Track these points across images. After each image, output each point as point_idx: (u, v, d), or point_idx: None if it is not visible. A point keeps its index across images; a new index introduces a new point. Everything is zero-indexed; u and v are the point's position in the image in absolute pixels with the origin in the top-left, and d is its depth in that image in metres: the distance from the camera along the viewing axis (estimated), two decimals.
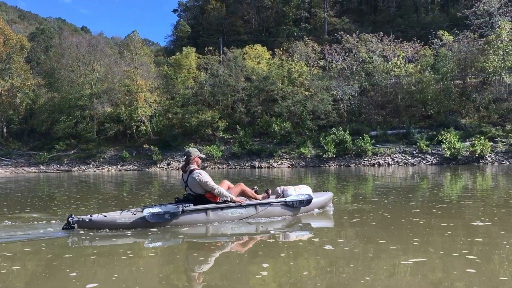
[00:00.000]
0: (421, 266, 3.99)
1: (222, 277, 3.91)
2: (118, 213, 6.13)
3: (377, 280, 3.67)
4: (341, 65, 43.67)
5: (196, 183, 6.31)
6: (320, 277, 3.80)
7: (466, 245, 4.68)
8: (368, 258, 4.34)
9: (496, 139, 33.02)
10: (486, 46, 37.15)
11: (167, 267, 4.34)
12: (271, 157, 36.68)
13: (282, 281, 3.78)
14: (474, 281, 3.54)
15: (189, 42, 61.01)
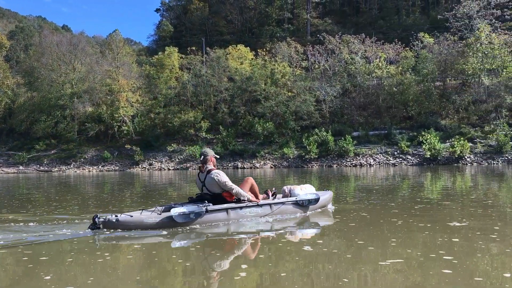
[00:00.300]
0: (399, 267, 4.01)
1: (199, 279, 3.88)
2: (138, 213, 6.13)
3: (354, 281, 3.68)
4: (323, 66, 43.91)
5: (214, 183, 6.41)
6: (298, 278, 3.79)
7: (443, 246, 4.72)
8: (346, 259, 4.35)
9: (475, 140, 33.57)
10: (466, 49, 37.77)
11: (148, 270, 4.29)
12: (254, 158, 36.70)
13: (260, 282, 3.76)
14: (450, 281, 3.57)
15: (171, 42, 60.70)
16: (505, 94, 36.31)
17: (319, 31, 53.89)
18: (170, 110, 42.38)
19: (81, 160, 40.31)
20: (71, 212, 8.28)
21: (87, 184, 19.29)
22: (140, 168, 37.76)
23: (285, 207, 6.94)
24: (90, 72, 45.96)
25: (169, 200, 10.72)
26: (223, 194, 6.48)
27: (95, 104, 44.21)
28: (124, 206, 9.53)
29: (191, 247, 5.19)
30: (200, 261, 4.49)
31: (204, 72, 44.06)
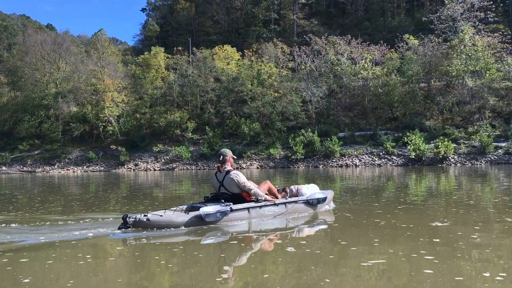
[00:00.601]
0: (381, 267, 4.04)
1: (182, 281, 3.86)
2: (162, 212, 6.25)
3: (337, 282, 3.69)
4: (310, 67, 44.03)
5: (234, 183, 6.56)
6: (280, 280, 3.80)
7: (425, 246, 4.77)
8: (329, 260, 4.37)
9: (459, 141, 33.96)
10: (450, 50, 38.17)
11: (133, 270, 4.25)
12: (240, 158, 36.63)
13: (242, 284, 3.75)
14: (431, 281, 3.60)
15: (157, 41, 60.33)
16: (488, 95, 36.79)
17: (305, 32, 54.00)
18: (156, 110, 42.12)
19: (66, 161, 39.86)
20: (55, 214, 8.18)
21: (71, 185, 19.08)
22: (125, 169, 37.46)
23: (297, 206, 7.23)
24: (75, 72, 45.44)
25: (155, 200, 10.66)
26: (243, 194, 6.64)
27: (80, 104, 43.75)
28: (108, 207, 9.45)
29: (216, 244, 5.18)
30: (184, 262, 4.47)
31: (191, 72, 43.86)
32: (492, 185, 13.99)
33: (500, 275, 3.69)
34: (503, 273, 3.75)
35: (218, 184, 6.73)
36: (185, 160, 37.36)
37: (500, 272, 3.78)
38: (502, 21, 51.22)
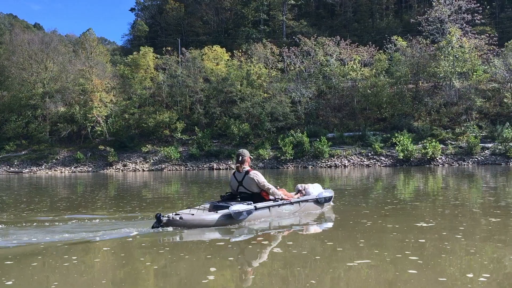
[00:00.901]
0: (366, 268, 4.06)
1: (166, 283, 3.84)
2: (188, 211, 6.43)
3: (322, 283, 3.70)
4: (299, 67, 44.12)
5: (254, 183, 6.76)
6: (265, 281, 3.80)
7: (409, 246, 4.80)
8: (314, 260, 4.38)
9: (446, 141, 34.26)
10: (438, 52, 38.52)
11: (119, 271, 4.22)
12: (230, 159, 36.58)
13: (227, 285, 3.75)
14: (415, 282, 3.63)
15: (146, 41, 60.06)
16: (475, 97, 37.17)
17: (294, 33, 54.09)
18: (145, 110, 41.92)
19: (53, 161, 39.49)
20: (40, 215, 8.10)
21: (59, 186, 18.90)
22: (114, 169, 37.22)
23: (309, 204, 7.54)
24: (63, 72, 45.02)
25: (143, 202, 10.59)
26: (262, 193, 6.83)
27: (68, 104, 43.37)
28: (96, 208, 9.38)
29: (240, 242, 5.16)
30: (170, 264, 4.45)
31: (180, 73, 43.73)
32: (478, 185, 14.14)
33: (483, 276, 3.73)
34: (486, 274, 3.79)
35: (237, 184, 6.90)
36: (174, 161, 37.21)
37: (483, 273, 3.82)
38: (489, 23, 51.87)
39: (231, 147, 38.01)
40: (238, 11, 63.37)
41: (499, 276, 3.79)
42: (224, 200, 6.90)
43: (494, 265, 4.11)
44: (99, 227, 6.30)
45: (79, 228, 6.36)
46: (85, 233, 5.92)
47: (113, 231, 6.03)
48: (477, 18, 39.34)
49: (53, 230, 6.07)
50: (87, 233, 5.92)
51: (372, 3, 63.60)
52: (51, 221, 7.12)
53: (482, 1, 46.65)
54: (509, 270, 3.98)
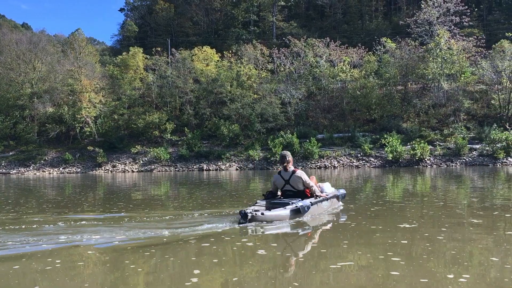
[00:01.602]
0: (348, 269, 4.08)
1: (149, 285, 3.83)
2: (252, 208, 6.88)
3: (305, 285, 3.71)
4: (289, 68, 44.20)
5: (300, 181, 7.29)
6: (250, 283, 3.80)
7: (392, 247, 4.84)
8: (298, 262, 4.40)
9: (434, 143, 34.52)
10: (426, 54, 38.83)
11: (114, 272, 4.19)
12: (219, 160, 36.56)
13: (211, 287, 3.74)
14: (396, 283, 3.66)
15: (136, 42, 59.79)
16: (463, 98, 37.53)
17: (284, 34, 54.21)
18: (135, 111, 41.71)
19: (41, 162, 39.13)
20: (26, 217, 8.02)
21: (47, 187, 18.74)
22: (103, 170, 36.97)
23: (333, 200, 8.09)
24: (51, 72, 44.64)
25: (130, 203, 10.55)
26: (306, 191, 7.36)
27: (56, 104, 43.00)
28: (84, 209, 9.32)
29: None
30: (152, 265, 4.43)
31: (170, 73, 43.54)
32: (464, 187, 14.27)
33: (463, 276, 3.77)
34: (466, 274, 3.83)
35: (283, 182, 7.36)
36: (164, 162, 37.07)
37: (464, 273, 3.86)
38: (477, 25, 52.44)
39: (221, 148, 37.97)
40: (228, 12, 63.34)
41: (479, 277, 3.83)
42: (271, 198, 7.43)
43: (475, 266, 4.15)
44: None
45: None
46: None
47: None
48: (465, 20, 39.74)
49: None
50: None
51: (362, 5, 63.99)
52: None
53: (470, 3, 47.22)
54: (489, 271, 4.02)
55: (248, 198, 11.05)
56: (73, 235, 5.94)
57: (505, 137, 32.03)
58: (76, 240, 5.69)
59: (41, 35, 49.84)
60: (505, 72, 36.89)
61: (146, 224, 6.78)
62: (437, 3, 39.91)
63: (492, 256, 4.46)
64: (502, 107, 37.21)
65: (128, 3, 77.37)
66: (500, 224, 6.33)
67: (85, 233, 6.00)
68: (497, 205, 8.57)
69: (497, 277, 3.80)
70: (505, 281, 3.67)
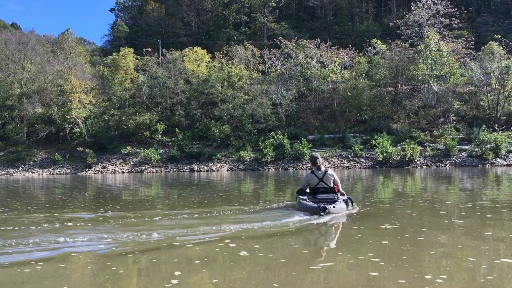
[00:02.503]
0: (328, 270, 4.10)
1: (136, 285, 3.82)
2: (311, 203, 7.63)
3: (285, 285, 3.72)
4: (280, 69, 44.27)
5: (332, 179, 8.23)
6: (230, 284, 3.80)
7: (372, 248, 4.86)
8: (280, 263, 4.39)
9: (424, 143, 34.74)
10: (416, 55, 39.07)
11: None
12: (210, 161, 36.51)
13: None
14: (375, 284, 3.67)
15: (126, 42, 59.47)
16: (452, 99, 37.82)
17: (275, 35, 54.27)
18: (125, 112, 41.52)
19: (30, 163, 38.81)
20: (12, 220, 7.95)
21: (36, 188, 18.59)
22: (93, 171, 36.75)
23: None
24: (41, 72, 44.36)
25: (117, 203, 10.49)
26: (335, 187, 8.24)
27: (46, 105, 42.70)
28: (72, 210, 9.26)
29: None
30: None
31: (160, 74, 43.41)
32: (451, 187, 14.37)
33: (441, 277, 3.80)
34: (444, 275, 3.86)
35: (318, 180, 8.23)
36: (155, 163, 36.94)
37: (441, 274, 3.89)
38: (466, 27, 52.82)
39: (212, 149, 37.90)
40: (219, 12, 63.26)
41: (456, 277, 3.87)
42: (305, 194, 8.22)
43: (452, 267, 4.19)
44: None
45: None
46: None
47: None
48: (454, 22, 40.06)
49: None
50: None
51: (352, 7, 64.25)
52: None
53: (459, 6, 47.57)
54: (466, 271, 4.06)
55: (236, 199, 11.03)
56: (58, 237, 5.90)
57: (494, 138, 32.32)
58: (59, 242, 5.65)
59: (30, 35, 49.52)
60: (494, 73, 37.23)
61: (134, 227, 6.74)
62: (427, 5, 40.20)
63: (470, 257, 4.50)
64: (491, 109, 37.55)
65: (118, 4, 77.07)
66: (479, 225, 6.38)
67: (71, 236, 5.96)
68: (480, 206, 8.65)
69: (473, 277, 3.84)
70: (481, 281, 3.70)
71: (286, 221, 6.86)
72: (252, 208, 8.85)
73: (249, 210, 8.51)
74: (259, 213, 8.04)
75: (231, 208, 8.90)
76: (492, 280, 3.74)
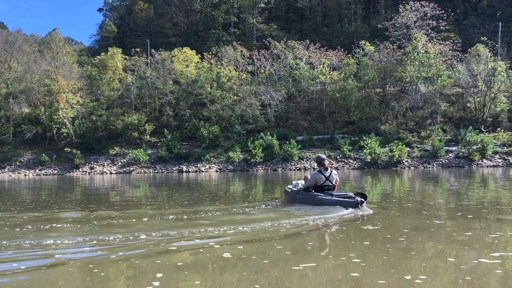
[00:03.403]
0: (310, 271, 4.11)
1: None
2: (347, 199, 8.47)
3: (267, 286, 3.73)
4: (269, 70, 44.31)
5: (336, 177, 9.24)
6: (211, 286, 3.80)
7: (354, 249, 4.89)
8: (262, 264, 4.40)
9: (412, 144, 35.02)
10: (404, 57, 39.39)
11: None
12: (199, 161, 36.43)
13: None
14: (355, 285, 3.69)
15: (115, 42, 59.11)
16: (440, 101, 38.19)
17: (264, 36, 54.39)
18: (113, 112, 41.26)
19: (17, 164, 38.36)
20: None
21: (22, 189, 18.39)
22: (80, 172, 36.45)
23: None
24: (27, 72, 43.92)
25: (102, 204, 10.42)
26: (335, 185, 9.17)
27: (33, 105, 42.26)
28: (58, 211, 9.18)
29: None
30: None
31: (149, 74, 43.19)
32: (436, 188, 14.49)
33: (420, 277, 3.84)
34: (423, 275, 3.90)
35: (324, 179, 9.06)
36: (143, 163, 36.76)
37: (421, 274, 3.93)
38: (453, 29, 53.35)
39: (200, 150, 37.82)
40: (208, 13, 63.19)
41: (435, 277, 3.90)
42: (317, 191, 9.06)
43: (431, 267, 4.23)
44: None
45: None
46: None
47: None
48: (441, 24, 40.42)
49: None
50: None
51: (341, 8, 64.59)
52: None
53: (447, 8, 48.03)
54: (445, 272, 4.10)
55: (222, 200, 11.02)
56: (42, 240, 5.85)
57: (481, 140, 32.71)
58: (42, 245, 5.60)
59: (17, 34, 49.04)
60: (481, 75, 37.68)
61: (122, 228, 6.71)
62: (415, 7, 40.51)
63: (449, 257, 4.55)
64: (478, 110, 37.98)
65: (106, 3, 76.62)
66: (460, 226, 6.44)
67: (55, 238, 5.91)
68: (462, 207, 8.74)
69: (452, 278, 3.88)
70: (459, 282, 3.74)
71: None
72: (242, 209, 8.85)
73: (237, 212, 8.51)
74: (245, 215, 8.04)
75: (217, 208, 8.89)
76: (470, 280, 3.79)
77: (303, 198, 9.15)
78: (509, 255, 4.63)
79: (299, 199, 9.33)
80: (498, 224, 6.58)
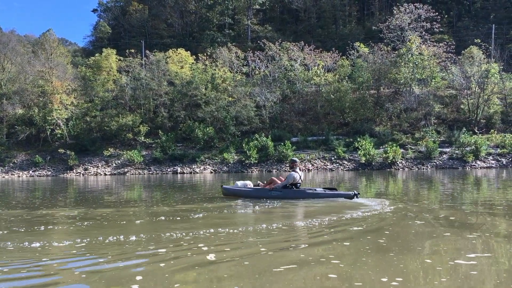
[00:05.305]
0: (290, 272, 4.13)
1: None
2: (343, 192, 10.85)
3: (244, 286, 3.75)
4: (264, 72, 44.35)
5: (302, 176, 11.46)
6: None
7: (334, 251, 4.91)
8: (244, 266, 4.41)
9: (406, 146, 35.16)
10: (398, 59, 39.54)
11: None
12: (194, 163, 36.42)
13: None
14: (332, 286, 3.71)
15: (109, 43, 58.92)
16: (433, 102, 38.36)
17: (259, 37, 54.43)
18: (107, 113, 41.18)
19: (10, 165, 38.21)
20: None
21: (15, 191, 18.32)
22: (74, 173, 36.34)
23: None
24: (21, 73, 43.79)
25: (92, 204, 10.40)
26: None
27: (26, 106, 42.14)
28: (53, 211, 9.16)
29: None
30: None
31: (143, 75, 43.12)
32: (426, 189, 14.53)
33: (396, 279, 3.86)
34: (399, 277, 3.92)
35: (298, 177, 11.06)
36: (137, 165, 36.71)
37: (397, 276, 3.95)
38: (447, 31, 53.60)
39: (195, 151, 37.81)
40: (203, 14, 63.17)
41: (410, 279, 3.93)
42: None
43: (408, 269, 4.25)
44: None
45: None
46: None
47: None
48: (435, 26, 40.62)
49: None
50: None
51: (336, 10, 64.71)
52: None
53: (441, 10, 48.23)
54: (421, 273, 4.12)
55: (215, 201, 11.03)
56: (31, 242, 5.83)
57: (474, 141, 32.87)
58: (29, 248, 5.59)
59: (11, 35, 48.88)
60: (474, 77, 37.87)
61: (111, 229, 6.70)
62: (409, 9, 40.68)
63: (427, 259, 4.57)
64: (471, 112, 38.16)
65: (101, 4, 76.39)
66: (441, 227, 6.46)
67: (43, 240, 5.89)
68: (446, 208, 8.80)
69: (427, 279, 3.90)
70: (435, 284, 3.77)
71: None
72: (232, 211, 8.84)
73: (227, 213, 8.51)
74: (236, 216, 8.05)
75: (208, 208, 8.89)
76: (445, 282, 3.82)
77: (283, 194, 10.72)
78: (485, 256, 4.65)
79: (275, 195, 10.75)
80: (478, 225, 6.62)
